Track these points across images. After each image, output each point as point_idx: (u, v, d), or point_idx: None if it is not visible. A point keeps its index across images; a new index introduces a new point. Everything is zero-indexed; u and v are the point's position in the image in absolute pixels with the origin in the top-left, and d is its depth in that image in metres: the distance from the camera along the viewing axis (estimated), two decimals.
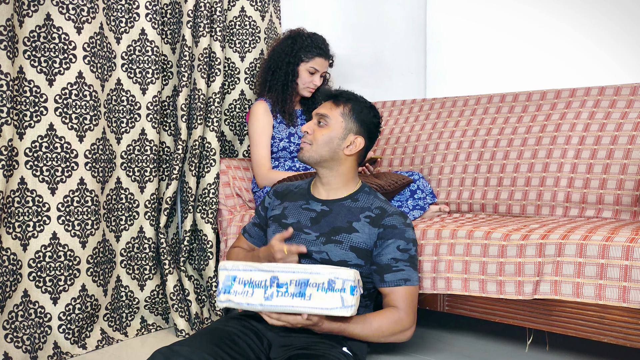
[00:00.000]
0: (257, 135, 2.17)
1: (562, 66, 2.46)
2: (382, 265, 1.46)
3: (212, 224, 2.13)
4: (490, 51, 2.70)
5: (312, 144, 1.52)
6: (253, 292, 1.29)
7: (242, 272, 1.32)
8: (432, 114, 2.45)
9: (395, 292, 1.45)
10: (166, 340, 1.99)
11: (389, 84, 2.96)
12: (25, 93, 1.76)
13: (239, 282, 1.31)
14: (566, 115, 2.07)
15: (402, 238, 1.48)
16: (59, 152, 1.82)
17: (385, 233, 1.48)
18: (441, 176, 2.23)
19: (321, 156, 1.52)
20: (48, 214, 1.80)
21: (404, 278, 1.45)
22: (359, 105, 1.55)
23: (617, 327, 1.38)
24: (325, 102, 1.58)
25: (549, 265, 1.44)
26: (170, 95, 2.19)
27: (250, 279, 1.31)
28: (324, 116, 1.53)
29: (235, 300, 1.31)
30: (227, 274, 1.33)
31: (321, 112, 1.54)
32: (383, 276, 1.46)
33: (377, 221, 1.50)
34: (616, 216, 1.85)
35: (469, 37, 2.77)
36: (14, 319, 1.74)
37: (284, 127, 2.19)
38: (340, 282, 1.26)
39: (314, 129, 1.54)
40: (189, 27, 2.08)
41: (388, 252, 1.46)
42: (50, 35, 1.79)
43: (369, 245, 1.49)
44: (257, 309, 1.30)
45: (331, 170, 1.55)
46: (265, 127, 2.17)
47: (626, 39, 2.31)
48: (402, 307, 1.44)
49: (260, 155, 2.15)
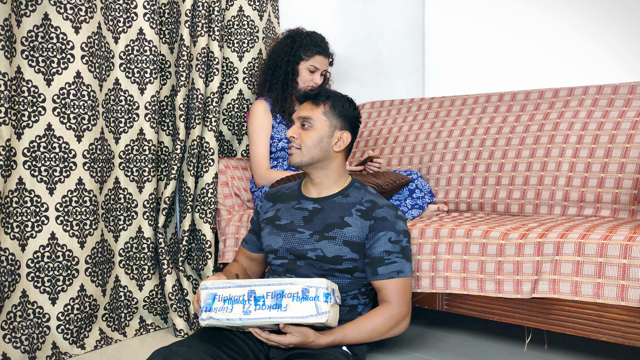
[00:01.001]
0: (256, 134, 2.16)
1: (561, 65, 2.47)
2: (375, 258, 1.47)
3: (210, 223, 2.13)
4: (488, 50, 2.70)
5: (301, 148, 1.53)
6: (232, 307, 1.33)
7: (222, 289, 1.36)
8: (431, 114, 2.45)
9: (389, 286, 1.46)
10: (165, 340, 1.99)
11: (387, 83, 2.96)
12: (23, 93, 1.75)
13: (218, 299, 1.35)
14: (564, 114, 2.07)
15: (393, 230, 1.48)
16: (57, 152, 1.82)
17: (376, 225, 1.48)
18: (439, 175, 2.23)
19: (313, 158, 1.53)
20: (46, 214, 1.80)
21: (396, 270, 1.46)
22: (338, 101, 1.56)
23: (615, 325, 1.38)
24: (303, 104, 1.58)
25: (548, 264, 1.44)
26: (169, 95, 2.19)
27: (229, 295, 1.35)
28: (307, 119, 1.54)
29: (215, 317, 1.34)
30: (208, 293, 1.37)
31: (303, 115, 1.54)
32: (376, 269, 1.47)
33: (368, 214, 1.50)
34: (614, 215, 1.86)
35: (467, 37, 2.78)
36: (13, 319, 1.74)
37: (284, 128, 2.18)
38: (313, 290, 1.30)
39: (299, 132, 1.55)
40: (187, 27, 2.07)
41: (380, 245, 1.47)
42: (48, 35, 1.79)
43: (361, 239, 1.49)
44: (237, 323, 1.33)
45: (324, 169, 1.56)
46: (264, 127, 2.17)
47: (624, 37, 2.32)
48: (395, 301, 1.45)
49: (259, 155, 2.15)
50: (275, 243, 1.55)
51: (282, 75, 2.16)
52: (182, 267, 2.14)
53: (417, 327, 2.02)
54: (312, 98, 1.56)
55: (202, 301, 1.38)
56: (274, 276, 1.55)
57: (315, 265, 1.49)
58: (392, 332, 1.46)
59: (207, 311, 1.35)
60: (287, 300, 1.30)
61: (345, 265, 1.48)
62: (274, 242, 1.56)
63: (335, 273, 1.49)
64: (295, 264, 1.51)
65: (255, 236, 1.70)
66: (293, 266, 1.52)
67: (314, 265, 1.49)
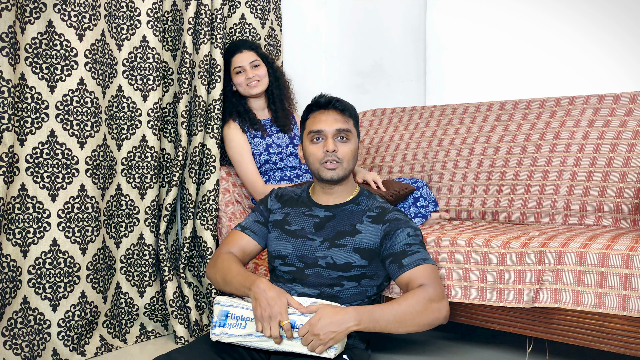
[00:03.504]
0: (238, 155, 2.15)
1: (566, 72, 2.46)
2: (397, 253, 1.45)
3: (211, 230, 2.13)
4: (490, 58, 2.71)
5: (342, 162, 1.50)
6: (246, 324, 1.36)
7: (235, 308, 1.38)
8: (432, 122, 2.45)
9: (416, 273, 1.41)
10: (165, 347, 1.99)
11: (389, 91, 2.97)
12: (27, 99, 1.76)
13: (231, 317, 1.37)
14: (566, 123, 2.07)
15: (409, 226, 1.49)
16: (60, 158, 1.82)
17: (391, 226, 1.49)
18: (441, 184, 2.23)
19: (350, 170, 1.53)
20: (48, 220, 1.80)
21: (421, 258, 1.44)
22: (354, 111, 1.57)
23: (617, 335, 1.38)
24: (329, 112, 1.51)
25: (549, 274, 1.44)
26: (171, 102, 2.19)
27: (242, 315, 1.37)
28: (346, 131, 1.51)
29: (229, 332, 1.36)
30: (221, 309, 1.39)
31: (343, 128, 1.50)
32: (401, 261, 1.44)
33: (379, 218, 1.51)
34: (616, 224, 1.86)
35: (470, 44, 2.78)
36: (13, 325, 1.74)
37: (260, 141, 2.17)
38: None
39: (337, 144, 1.50)
40: (190, 34, 2.09)
41: (400, 240, 1.46)
42: (52, 42, 1.80)
43: (374, 244, 1.49)
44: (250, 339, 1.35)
45: (348, 179, 1.56)
46: (243, 145, 2.15)
47: (630, 43, 2.32)
48: (428, 282, 1.40)
49: (249, 174, 2.14)
50: (285, 249, 1.54)
51: (227, 92, 2.18)
52: (183, 274, 2.14)
53: (418, 336, 2.01)
54: (341, 110, 1.52)
55: (215, 316, 1.38)
56: (278, 282, 1.54)
57: (324, 274, 1.48)
58: (429, 316, 1.37)
59: (220, 326, 1.37)
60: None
61: (354, 272, 1.48)
62: (283, 247, 1.54)
63: (343, 281, 1.48)
64: (304, 272, 1.50)
65: (265, 228, 1.62)
66: (301, 275, 1.50)
67: (321, 274, 1.48)
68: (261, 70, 2.17)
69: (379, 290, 1.57)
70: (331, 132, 1.50)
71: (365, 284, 1.51)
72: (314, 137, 1.51)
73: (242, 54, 2.15)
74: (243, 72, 2.15)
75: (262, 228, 1.62)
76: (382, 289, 1.59)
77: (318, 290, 1.48)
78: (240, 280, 1.44)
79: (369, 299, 1.53)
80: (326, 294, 1.47)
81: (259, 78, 2.16)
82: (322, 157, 1.49)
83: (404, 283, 1.43)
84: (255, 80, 2.15)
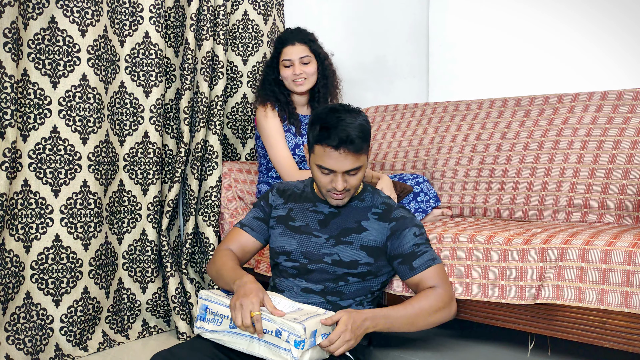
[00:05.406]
0: (272, 137, 2.03)
1: (566, 69, 2.46)
2: (407, 255, 1.47)
3: (214, 226, 2.14)
4: (493, 55, 2.70)
5: (350, 190, 1.47)
6: (222, 321, 1.35)
7: (212, 303, 1.37)
8: (434, 118, 2.45)
9: (428, 275, 1.46)
10: (167, 342, 1.99)
11: (391, 87, 2.97)
12: (29, 95, 1.76)
13: (209, 312, 1.37)
14: (568, 120, 2.07)
15: (414, 225, 1.50)
16: (63, 154, 1.82)
17: (398, 225, 1.49)
18: (443, 180, 2.23)
19: (357, 190, 1.53)
20: (51, 216, 1.80)
21: (431, 258, 1.48)
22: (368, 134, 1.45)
23: (619, 332, 1.37)
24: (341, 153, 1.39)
25: (551, 270, 1.44)
26: (173, 98, 2.20)
27: (217, 311, 1.36)
28: (357, 169, 1.44)
29: (206, 327, 1.36)
30: (202, 303, 1.39)
31: (355, 167, 1.42)
32: (412, 263, 1.46)
33: (385, 216, 1.51)
34: (618, 221, 1.85)
35: (472, 41, 2.78)
36: (16, 321, 1.74)
37: (291, 137, 2.09)
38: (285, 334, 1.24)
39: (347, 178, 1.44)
40: (192, 31, 2.08)
41: (408, 241, 1.48)
42: (54, 38, 1.80)
43: (379, 242, 1.49)
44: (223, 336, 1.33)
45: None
46: (279, 129, 2.06)
47: (630, 43, 2.31)
48: (439, 284, 1.46)
49: (285, 157, 2.02)
50: (289, 245, 1.53)
51: (271, 81, 2.09)
52: (185, 270, 2.14)
53: (419, 332, 2.01)
54: (355, 150, 1.39)
55: (198, 309, 1.39)
56: (282, 278, 1.54)
57: (329, 270, 1.48)
58: (439, 315, 1.43)
59: (201, 320, 1.37)
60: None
61: (360, 270, 1.48)
62: (288, 244, 1.54)
63: (348, 277, 1.48)
64: (307, 268, 1.50)
65: (265, 225, 1.61)
66: (305, 270, 1.50)
67: (327, 270, 1.48)
68: (310, 67, 2.05)
69: (382, 286, 1.57)
70: (342, 171, 1.42)
71: (369, 280, 1.51)
72: (322, 169, 1.44)
73: (293, 47, 2.03)
74: (291, 66, 2.03)
75: (261, 224, 1.61)
76: (386, 284, 1.59)
77: (322, 285, 1.48)
78: (231, 275, 1.44)
79: (372, 294, 1.53)
80: (330, 289, 1.48)
81: (307, 76, 2.04)
82: (330, 187, 1.45)
83: (413, 284, 1.49)
84: (302, 77, 2.04)
